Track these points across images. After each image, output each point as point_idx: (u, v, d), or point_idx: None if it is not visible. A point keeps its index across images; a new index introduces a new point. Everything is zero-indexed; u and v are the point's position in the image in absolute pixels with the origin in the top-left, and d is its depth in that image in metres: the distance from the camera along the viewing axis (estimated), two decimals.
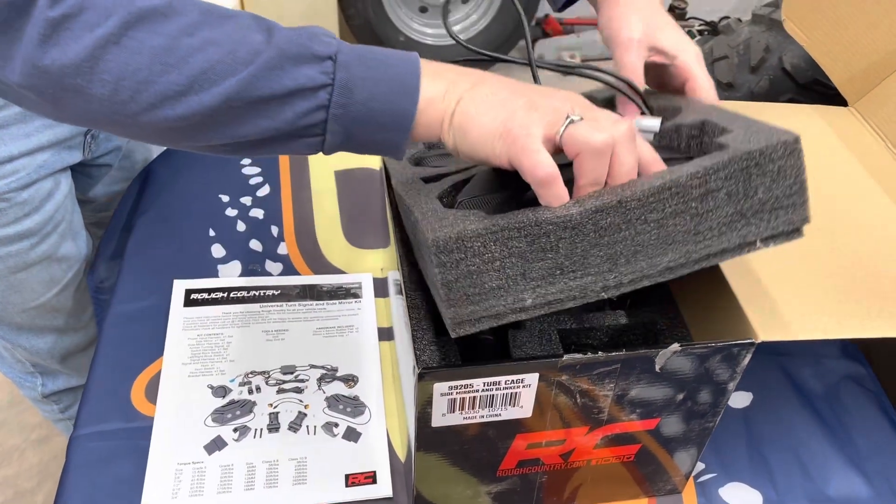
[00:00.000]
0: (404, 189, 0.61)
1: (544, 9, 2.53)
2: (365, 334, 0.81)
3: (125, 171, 1.02)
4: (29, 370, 1.02)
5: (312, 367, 0.77)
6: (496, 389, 0.54)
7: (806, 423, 0.76)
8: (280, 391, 0.75)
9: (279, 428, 0.72)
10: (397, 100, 0.49)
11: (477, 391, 0.54)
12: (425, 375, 0.52)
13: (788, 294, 0.60)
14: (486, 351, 0.67)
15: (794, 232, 0.51)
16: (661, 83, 0.68)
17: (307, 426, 0.72)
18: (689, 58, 0.64)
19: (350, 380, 0.76)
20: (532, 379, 0.54)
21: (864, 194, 0.71)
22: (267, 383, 0.75)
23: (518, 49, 2.56)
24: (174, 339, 0.79)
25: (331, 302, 0.83)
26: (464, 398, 0.54)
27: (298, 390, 0.75)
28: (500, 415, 0.57)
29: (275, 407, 0.74)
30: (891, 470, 0.73)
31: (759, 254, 0.62)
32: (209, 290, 0.84)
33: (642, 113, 0.64)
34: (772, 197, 0.49)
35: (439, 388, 0.53)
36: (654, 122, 0.60)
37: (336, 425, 0.72)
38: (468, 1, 2.38)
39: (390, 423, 0.74)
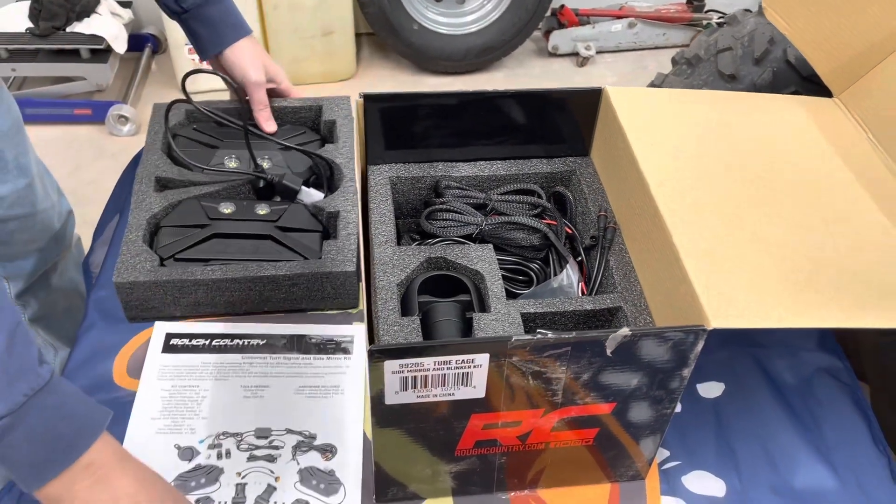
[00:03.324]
0: None
1: None
2: (350, 398, 0.75)
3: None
4: None
5: (289, 431, 0.72)
6: (447, 368, 0.55)
7: (777, 414, 0.76)
8: (251, 458, 0.70)
9: (244, 502, 0.67)
10: (33, 476, 0.54)
11: (428, 370, 0.55)
12: (375, 353, 0.53)
13: (748, 283, 0.60)
14: (452, 333, 0.68)
15: None
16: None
17: (275, 503, 0.67)
18: (283, 79, 0.98)
19: (328, 450, 0.71)
20: (483, 359, 0.55)
21: (838, 186, 0.70)
22: (238, 447, 0.70)
23: (533, 39, 2.55)
24: (146, 388, 0.74)
25: (318, 357, 0.78)
26: (416, 376, 0.55)
27: (271, 458, 0.70)
28: (453, 394, 0.58)
29: (243, 477, 0.68)
30: (858, 463, 0.72)
31: (722, 242, 0.63)
32: (190, 336, 0.78)
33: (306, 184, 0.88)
34: None
35: (390, 365, 0.54)
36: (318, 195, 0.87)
37: None
38: None
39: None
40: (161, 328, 0.79)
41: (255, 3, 2.18)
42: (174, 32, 2.19)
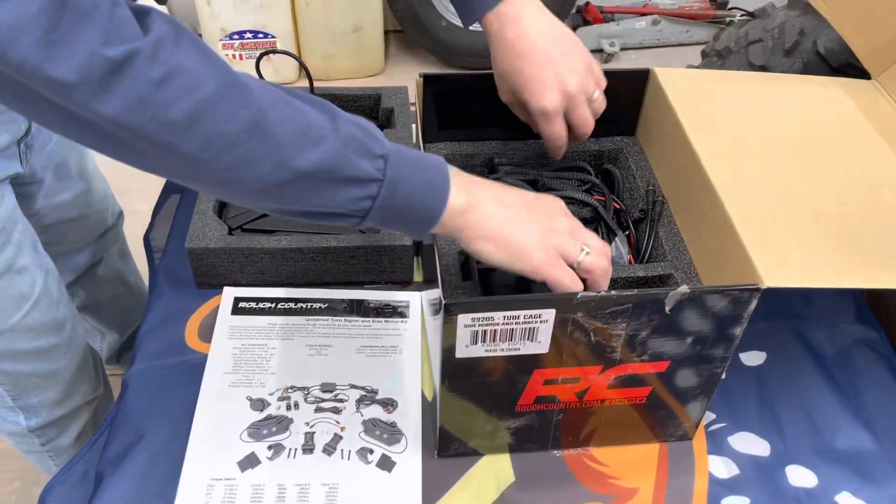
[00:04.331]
0: None
1: None
2: (408, 356, 0.79)
3: (63, 181, 1.01)
4: (8, 405, 0.98)
5: (353, 386, 0.76)
6: (515, 323, 0.59)
7: (817, 382, 0.79)
8: (318, 410, 0.74)
9: (314, 449, 0.71)
10: (430, 202, 0.57)
11: (497, 324, 0.59)
12: (451, 307, 0.57)
13: (798, 246, 0.63)
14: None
15: None
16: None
17: (342, 450, 0.71)
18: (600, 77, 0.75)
19: (389, 404, 0.75)
20: (549, 314, 0.59)
21: (880, 160, 0.74)
22: (305, 400, 0.75)
23: None
24: (219, 347, 0.79)
25: (377, 320, 0.82)
26: (485, 330, 0.59)
27: (336, 410, 0.74)
28: (518, 349, 0.61)
29: (311, 426, 0.73)
30: None
31: (772, 209, 0.66)
32: (257, 300, 0.83)
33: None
34: None
35: (463, 319, 0.58)
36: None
37: (371, 451, 0.71)
38: None
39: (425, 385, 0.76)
40: (230, 292, 0.84)
41: (288, 0, 2.23)
42: (208, 28, 2.24)
